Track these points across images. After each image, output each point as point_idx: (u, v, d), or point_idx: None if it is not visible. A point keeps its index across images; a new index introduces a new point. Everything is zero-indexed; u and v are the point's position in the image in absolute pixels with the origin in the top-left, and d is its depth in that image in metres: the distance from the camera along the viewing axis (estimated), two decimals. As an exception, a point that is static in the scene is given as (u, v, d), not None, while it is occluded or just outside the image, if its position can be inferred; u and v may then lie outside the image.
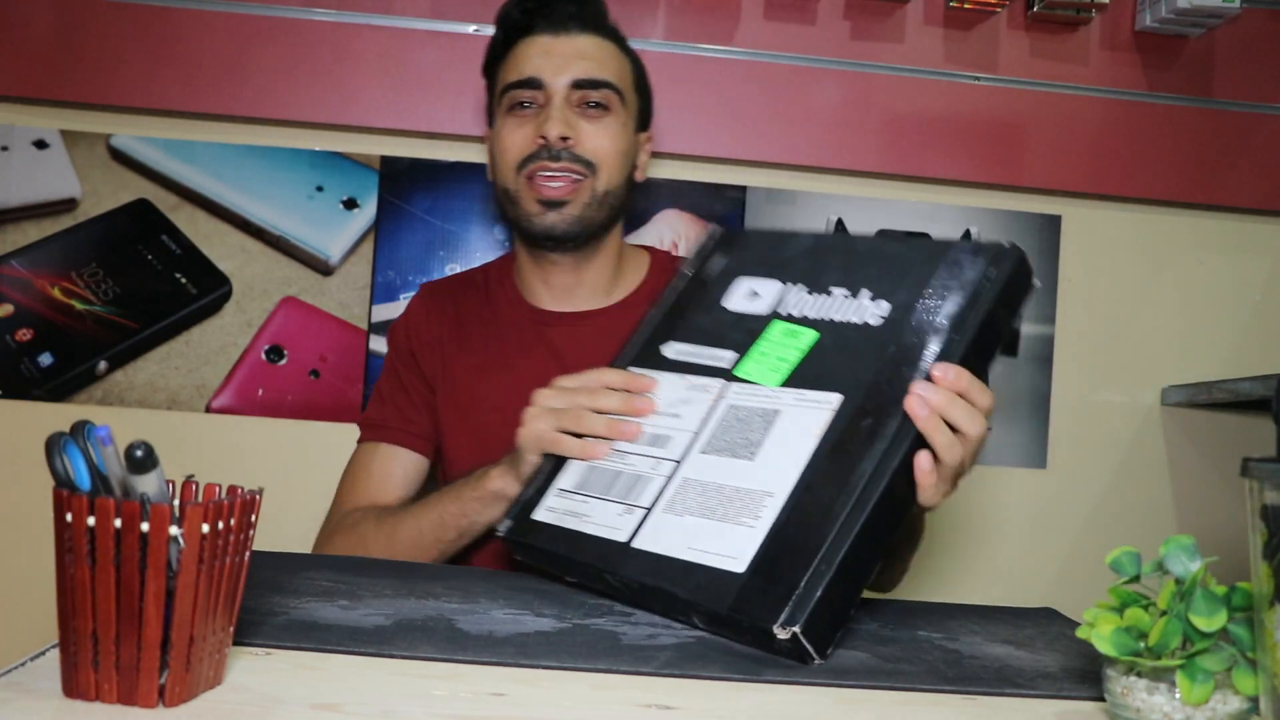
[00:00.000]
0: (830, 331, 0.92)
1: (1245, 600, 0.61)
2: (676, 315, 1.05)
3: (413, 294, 1.49)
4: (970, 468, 0.87)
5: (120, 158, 1.75)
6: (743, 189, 1.83)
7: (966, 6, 1.79)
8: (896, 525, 0.83)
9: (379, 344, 1.76)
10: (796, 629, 0.73)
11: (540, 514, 0.96)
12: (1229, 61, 1.86)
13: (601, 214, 1.28)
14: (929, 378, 0.83)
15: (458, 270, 1.77)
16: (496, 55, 1.33)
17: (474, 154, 1.79)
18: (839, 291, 0.94)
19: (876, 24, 1.81)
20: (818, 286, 0.96)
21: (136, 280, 1.74)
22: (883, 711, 0.67)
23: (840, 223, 1.01)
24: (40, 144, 1.74)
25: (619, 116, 1.29)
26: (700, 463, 0.89)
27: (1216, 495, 1.90)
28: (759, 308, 0.98)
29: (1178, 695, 0.61)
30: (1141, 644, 0.62)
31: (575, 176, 1.25)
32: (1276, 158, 1.87)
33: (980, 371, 0.86)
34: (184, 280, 1.75)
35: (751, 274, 1.02)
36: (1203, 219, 1.92)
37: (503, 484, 1.07)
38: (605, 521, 0.90)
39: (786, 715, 0.65)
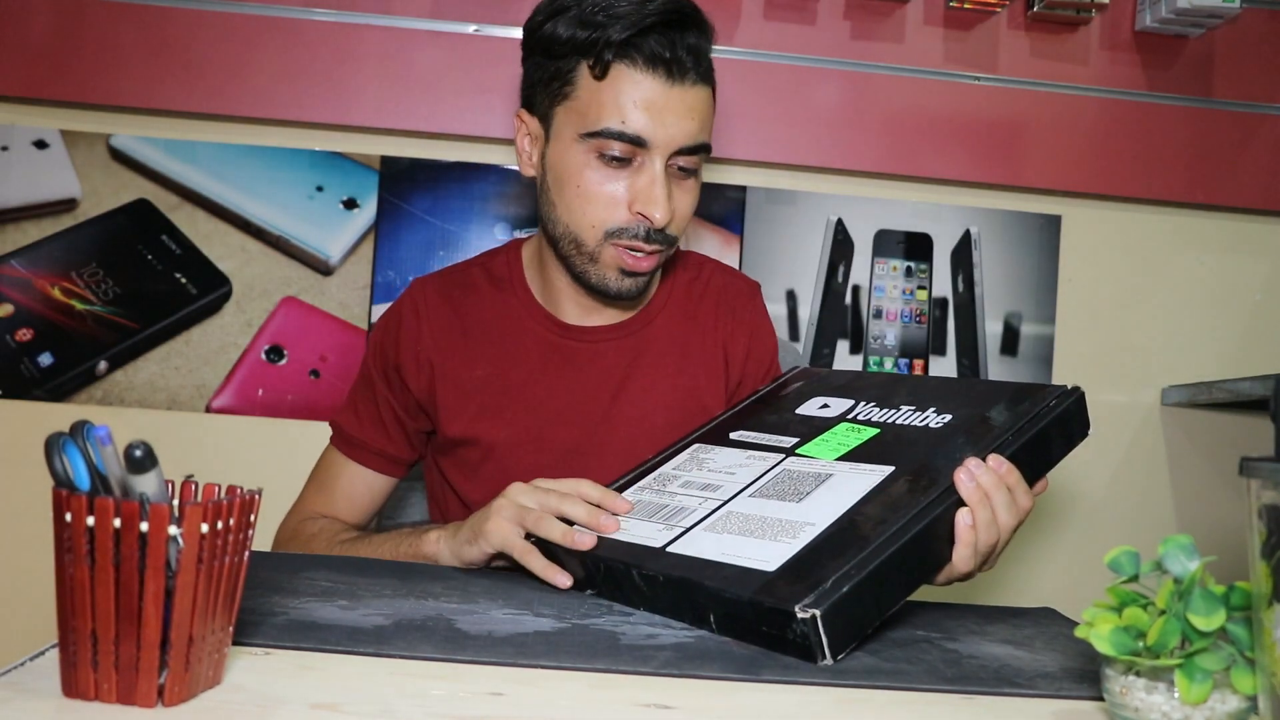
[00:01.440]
0: (891, 430, 0.97)
1: (1244, 600, 0.61)
2: (745, 415, 1.10)
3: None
4: (996, 559, 0.94)
5: (120, 158, 1.75)
6: (743, 189, 1.83)
7: (966, 6, 1.79)
8: (927, 572, 0.87)
9: (379, 344, 1.76)
10: (817, 612, 0.73)
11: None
12: (1229, 61, 1.86)
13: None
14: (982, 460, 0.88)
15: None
16: (575, 60, 1.13)
17: (474, 154, 1.79)
18: (906, 408, 1.00)
19: (876, 24, 1.81)
20: (887, 404, 1.02)
21: (136, 280, 1.74)
22: (882, 711, 0.67)
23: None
24: (40, 144, 1.74)
25: (701, 172, 1.18)
26: (748, 503, 0.92)
27: (1216, 495, 1.90)
28: (828, 414, 1.04)
29: (1176, 694, 0.61)
30: (1140, 643, 0.62)
31: (661, 253, 1.16)
32: (1276, 158, 1.87)
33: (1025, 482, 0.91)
34: (184, 280, 1.75)
35: (826, 394, 1.08)
36: (1203, 219, 1.92)
37: (436, 551, 1.04)
38: (643, 534, 0.92)
39: (785, 715, 0.65)
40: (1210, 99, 1.86)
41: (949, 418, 0.95)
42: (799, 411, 1.06)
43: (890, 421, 0.98)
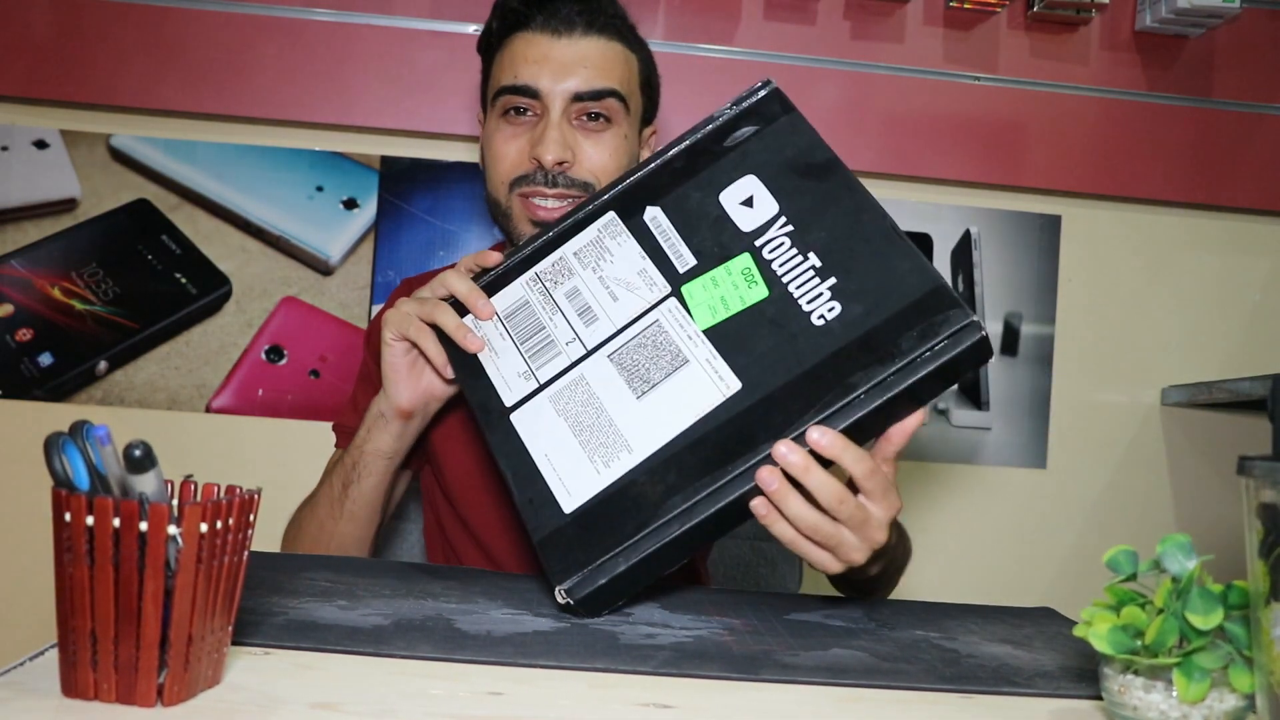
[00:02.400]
0: (779, 302, 0.89)
1: (1242, 598, 0.61)
2: (680, 168, 1.01)
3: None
4: (867, 543, 0.85)
5: (120, 158, 1.75)
6: (742, 189, 1.83)
7: (966, 6, 1.79)
8: (717, 536, 0.87)
9: (379, 344, 1.76)
10: (571, 601, 0.82)
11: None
12: (1229, 61, 1.86)
13: None
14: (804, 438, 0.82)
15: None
16: (492, 43, 1.24)
17: (474, 154, 1.79)
18: (813, 260, 0.90)
19: (876, 24, 1.82)
20: (801, 241, 0.91)
21: (136, 280, 1.74)
22: (881, 711, 0.67)
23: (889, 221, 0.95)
24: (40, 144, 1.74)
25: (621, 127, 1.20)
26: (601, 368, 0.92)
27: (1216, 495, 1.90)
28: (743, 223, 0.95)
29: (1174, 693, 0.61)
30: (1138, 642, 0.62)
31: (571, 199, 1.17)
32: (1276, 158, 1.87)
33: (879, 426, 0.85)
34: (184, 280, 1.75)
35: (761, 175, 0.97)
36: (1202, 219, 1.92)
37: (378, 403, 1.10)
38: (505, 370, 0.96)
39: (784, 714, 0.65)
40: (1210, 99, 1.86)
41: (836, 311, 0.87)
42: (721, 200, 0.96)
43: (785, 281, 0.90)
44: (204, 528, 0.57)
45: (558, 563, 0.84)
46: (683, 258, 0.95)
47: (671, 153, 1.01)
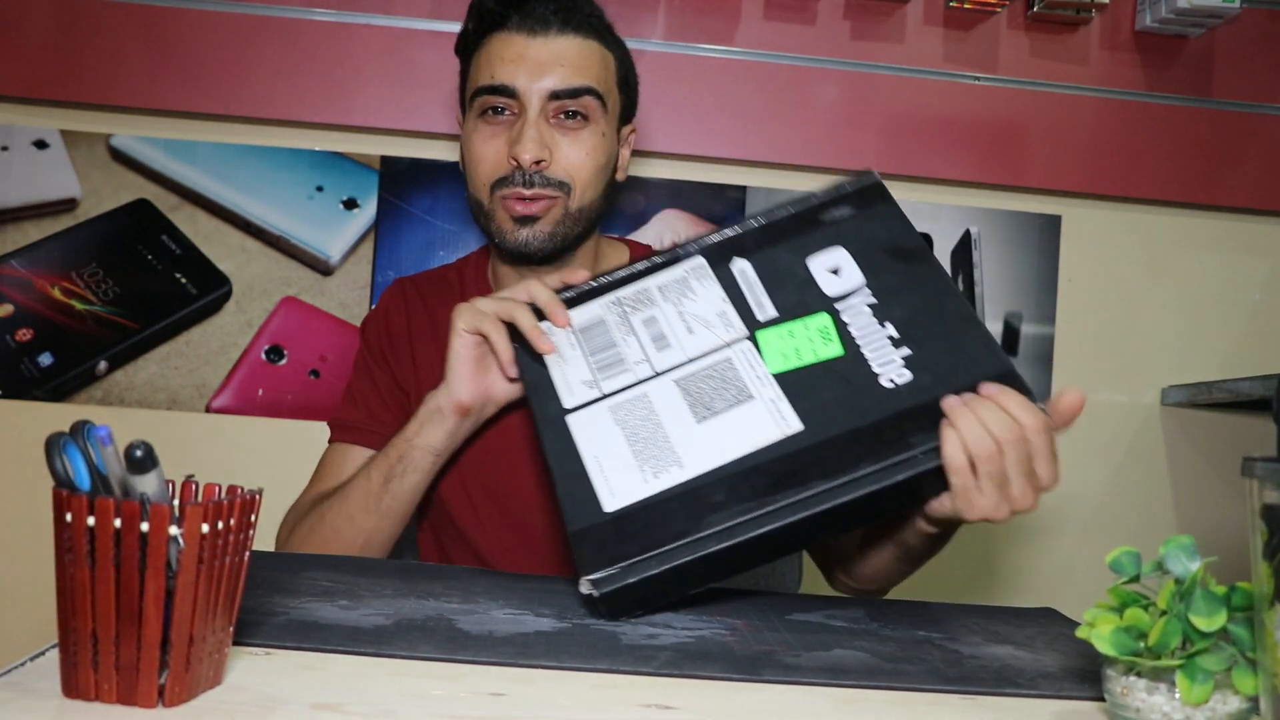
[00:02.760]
0: (851, 362, 0.93)
1: (1245, 600, 0.61)
2: (774, 230, 1.05)
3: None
4: (1019, 498, 0.88)
5: (120, 158, 1.75)
6: (743, 189, 1.83)
7: (966, 6, 1.79)
8: (750, 565, 0.87)
9: (379, 344, 1.76)
10: (596, 593, 0.81)
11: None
12: (1229, 61, 1.86)
13: (576, 228, 1.21)
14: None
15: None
16: (469, 44, 1.25)
17: (474, 154, 1.79)
18: (890, 331, 0.94)
19: (876, 24, 1.81)
20: (881, 313, 0.96)
21: (136, 280, 1.74)
22: (882, 711, 0.67)
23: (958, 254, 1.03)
24: (40, 144, 1.74)
25: (598, 125, 1.20)
26: (665, 390, 0.94)
27: (1216, 495, 1.90)
28: (827, 287, 0.99)
29: (1177, 695, 0.61)
30: (1141, 644, 0.62)
31: (548, 198, 1.18)
32: (1276, 158, 1.87)
33: (930, 490, 0.89)
34: (184, 280, 1.75)
35: (851, 249, 1.01)
36: (1202, 219, 1.92)
37: (436, 398, 1.09)
38: (570, 377, 0.97)
39: (785, 715, 0.65)
40: (1210, 99, 1.86)
41: (907, 380, 0.90)
42: (809, 263, 1.00)
43: (859, 345, 0.93)
44: (205, 528, 0.57)
45: (589, 555, 0.83)
46: (763, 308, 0.99)
47: (769, 218, 1.07)
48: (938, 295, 0.96)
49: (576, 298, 1.04)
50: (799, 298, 0.99)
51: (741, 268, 1.03)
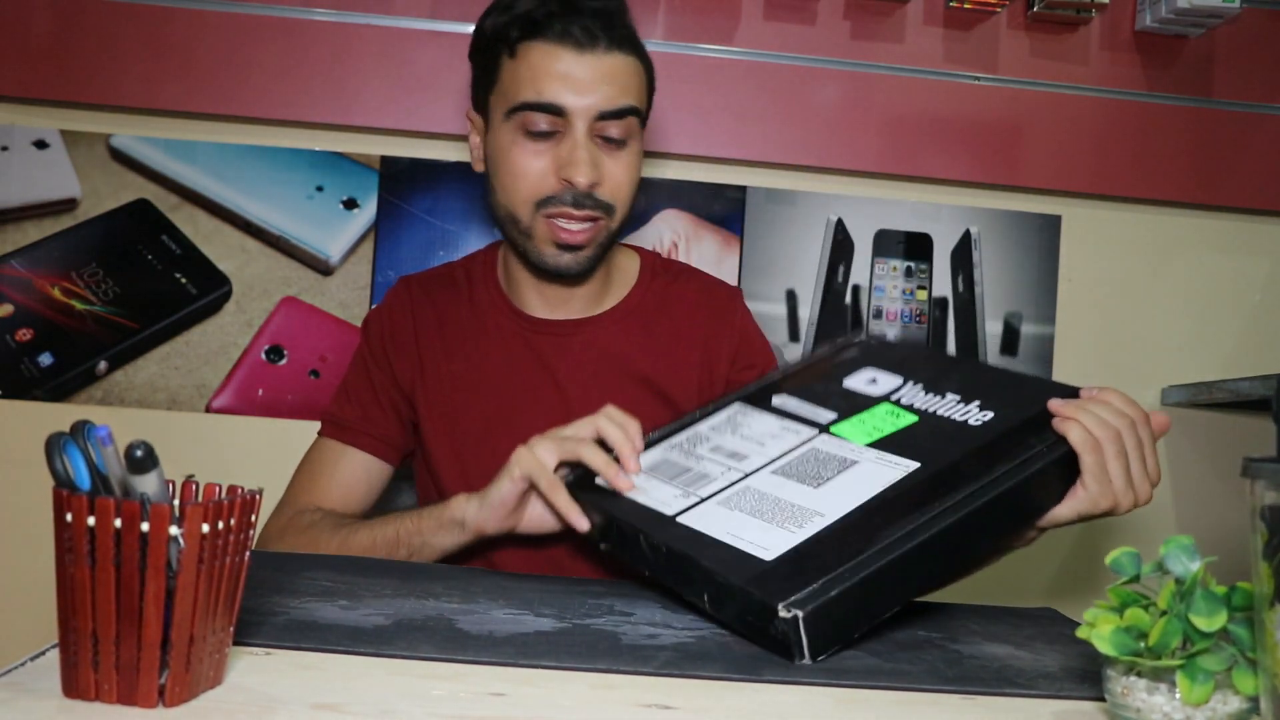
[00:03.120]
0: (929, 420, 0.95)
1: (1245, 600, 0.61)
2: (795, 377, 1.10)
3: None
4: (1142, 489, 0.91)
5: (120, 158, 1.75)
6: (743, 189, 1.83)
7: (966, 6, 1.79)
8: (930, 581, 0.84)
9: (379, 344, 1.76)
10: (800, 613, 0.73)
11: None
12: (1229, 61, 1.86)
13: (609, 245, 1.23)
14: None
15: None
16: (497, 48, 1.18)
17: (474, 154, 1.79)
18: (953, 397, 0.98)
19: (876, 24, 1.81)
20: (935, 390, 1.00)
21: (136, 280, 1.74)
22: (882, 711, 0.67)
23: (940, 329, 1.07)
24: (40, 144, 1.74)
25: (636, 143, 1.20)
26: (768, 480, 0.92)
27: (1216, 495, 1.90)
28: (872, 392, 1.03)
29: (1178, 695, 0.61)
30: (1141, 644, 0.62)
31: (596, 221, 1.18)
32: (1276, 158, 1.87)
33: (1033, 506, 0.91)
34: (184, 280, 1.75)
35: (877, 366, 1.07)
36: (1203, 219, 1.92)
37: (464, 512, 1.05)
38: (659, 498, 0.94)
39: (786, 715, 0.65)
40: (1210, 99, 1.86)
41: (990, 416, 0.93)
42: (846, 383, 1.05)
43: (931, 411, 0.96)
44: (205, 528, 0.57)
45: (775, 589, 0.76)
46: (821, 416, 1.00)
47: (788, 369, 1.12)
48: (974, 369, 1.04)
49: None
50: (850, 403, 1.01)
51: (782, 401, 1.05)
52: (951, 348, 1.86)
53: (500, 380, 1.26)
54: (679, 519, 0.89)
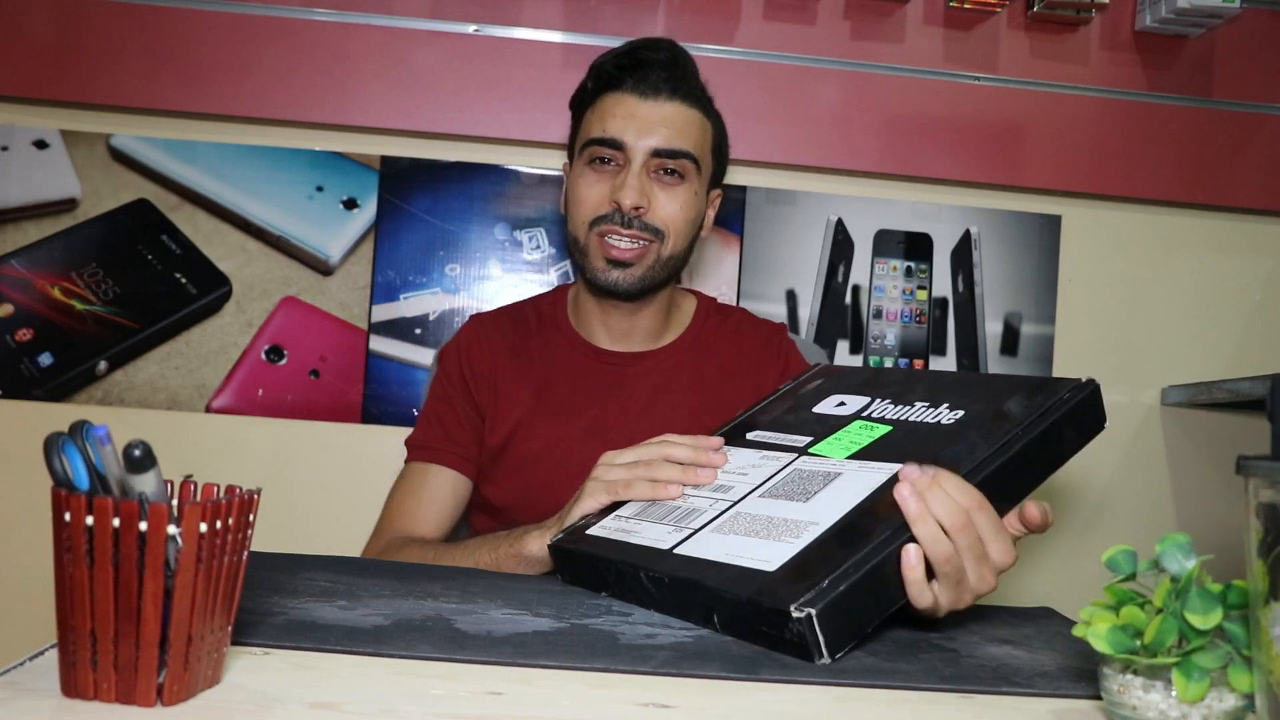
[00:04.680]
0: (903, 427, 0.98)
1: (1241, 598, 0.61)
2: (764, 412, 1.13)
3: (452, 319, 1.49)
4: (975, 583, 0.84)
5: (120, 158, 1.75)
6: (743, 189, 1.83)
7: (966, 6, 1.79)
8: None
9: (379, 344, 1.76)
10: (813, 611, 0.74)
11: (594, 530, 1.00)
12: (1229, 61, 1.86)
13: (663, 274, 1.34)
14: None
15: (457, 269, 1.78)
16: (585, 100, 1.37)
17: (474, 154, 1.79)
18: (921, 404, 1.00)
19: (876, 24, 1.82)
20: (902, 400, 1.02)
21: (136, 280, 1.74)
22: (880, 710, 0.67)
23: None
24: (40, 144, 1.74)
25: (692, 184, 1.33)
26: (756, 503, 0.93)
27: (1216, 495, 1.90)
28: (844, 412, 1.05)
29: (1174, 693, 0.61)
30: (1137, 642, 0.62)
31: (644, 242, 1.30)
32: (1276, 158, 1.87)
33: (1015, 484, 0.89)
34: (184, 280, 1.75)
35: (844, 391, 1.10)
36: (1203, 219, 1.92)
37: (539, 547, 1.06)
38: (653, 536, 0.94)
39: (784, 714, 0.65)
40: (1210, 99, 1.86)
41: (961, 414, 0.95)
42: (816, 410, 1.07)
43: (903, 419, 0.99)
44: (203, 527, 0.57)
45: (784, 593, 0.77)
46: (798, 441, 1.02)
47: (754, 405, 1.15)
48: (936, 378, 1.06)
49: (612, 506, 1.03)
50: (824, 425, 1.03)
51: (757, 435, 1.07)
52: (951, 348, 1.86)
53: (568, 404, 1.36)
54: (676, 551, 0.90)
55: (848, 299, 1.85)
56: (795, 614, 0.74)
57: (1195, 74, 1.86)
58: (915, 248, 1.86)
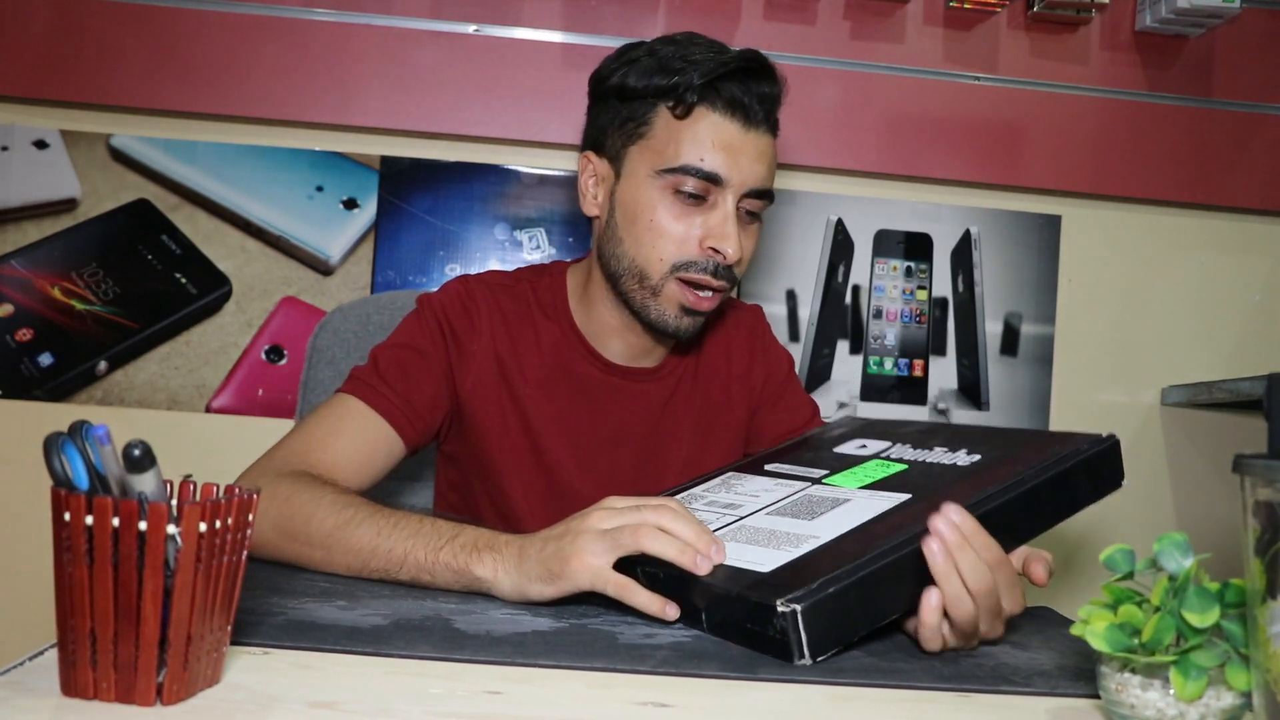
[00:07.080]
0: (919, 466, 0.98)
1: (1238, 596, 0.61)
2: (787, 451, 1.13)
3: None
4: (986, 632, 0.82)
5: (120, 158, 1.75)
6: (742, 189, 1.83)
7: (966, 6, 1.79)
8: (920, 578, 0.81)
9: (379, 344, 1.76)
10: (798, 608, 0.73)
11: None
12: (1229, 61, 1.86)
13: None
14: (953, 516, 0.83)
15: (457, 269, 1.77)
16: (653, 102, 1.17)
17: (474, 154, 1.79)
18: (940, 449, 1.00)
19: (876, 24, 1.82)
20: (923, 445, 1.03)
21: (136, 280, 1.74)
22: (878, 709, 0.67)
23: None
24: (40, 144, 1.74)
25: (761, 220, 1.22)
26: (763, 519, 0.93)
27: (1216, 494, 1.90)
28: (863, 453, 1.06)
29: (1171, 691, 0.61)
30: (1135, 640, 0.62)
31: (721, 290, 1.18)
32: (1276, 158, 1.87)
33: (1023, 523, 0.87)
34: (184, 280, 1.75)
35: (867, 437, 1.10)
36: (1203, 219, 1.92)
37: (493, 580, 0.89)
38: None
39: (782, 713, 0.65)
40: (1210, 99, 1.86)
41: (978, 457, 0.95)
42: (836, 450, 1.08)
43: (920, 460, 0.99)
44: (203, 527, 0.57)
45: (770, 591, 0.76)
46: (813, 473, 1.03)
47: (776, 446, 1.16)
48: (961, 428, 1.06)
49: None
50: (842, 462, 1.04)
51: (774, 466, 1.07)
52: (951, 348, 1.86)
53: (585, 423, 1.24)
54: None
55: (848, 299, 1.85)
56: (781, 609, 0.73)
57: (1195, 74, 1.86)
58: (915, 248, 1.86)
